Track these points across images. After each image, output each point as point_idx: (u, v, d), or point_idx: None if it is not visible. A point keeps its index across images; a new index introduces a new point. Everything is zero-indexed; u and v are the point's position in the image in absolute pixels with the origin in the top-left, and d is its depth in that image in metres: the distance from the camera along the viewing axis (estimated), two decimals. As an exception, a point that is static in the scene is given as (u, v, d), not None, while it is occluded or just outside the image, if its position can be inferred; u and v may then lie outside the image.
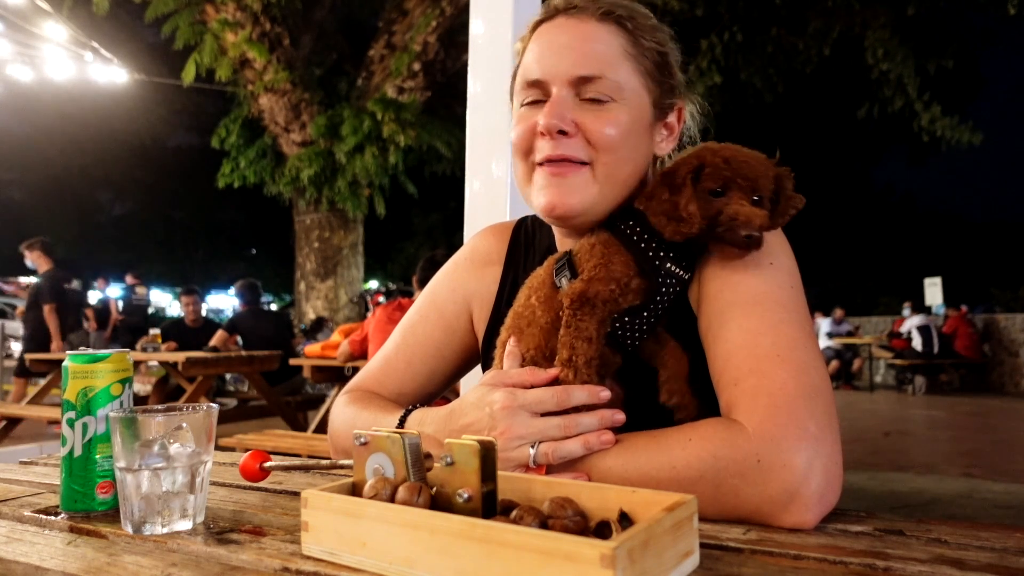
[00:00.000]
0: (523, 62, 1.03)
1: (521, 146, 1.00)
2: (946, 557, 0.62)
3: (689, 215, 0.87)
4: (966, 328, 11.62)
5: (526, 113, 1.00)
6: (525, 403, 0.84)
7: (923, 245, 30.24)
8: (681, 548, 0.57)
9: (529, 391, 0.86)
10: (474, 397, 0.89)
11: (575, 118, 0.95)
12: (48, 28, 8.25)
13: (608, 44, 0.97)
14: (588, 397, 0.84)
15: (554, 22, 1.00)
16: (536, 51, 1.00)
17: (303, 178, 11.90)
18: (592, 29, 0.98)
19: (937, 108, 11.08)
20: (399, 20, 11.89)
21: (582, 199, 0.96)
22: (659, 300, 0.92)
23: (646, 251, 0.92)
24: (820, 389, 0.80)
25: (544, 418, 0.84)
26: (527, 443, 0.83)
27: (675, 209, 0.88)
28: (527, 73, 1.00)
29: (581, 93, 0.96)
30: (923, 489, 4.61)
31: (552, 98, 0.96)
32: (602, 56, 0.96)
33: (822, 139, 23.70)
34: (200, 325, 7.20)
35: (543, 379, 0.88)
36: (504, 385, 0.88)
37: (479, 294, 1.19)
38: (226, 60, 11.54)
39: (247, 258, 32.47)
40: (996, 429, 7.91)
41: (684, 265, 0.93)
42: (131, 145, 23.26)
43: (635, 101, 0.98)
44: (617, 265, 0.91)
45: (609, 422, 0.84)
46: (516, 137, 1.01)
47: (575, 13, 0.99)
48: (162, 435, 0.74)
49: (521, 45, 1.07)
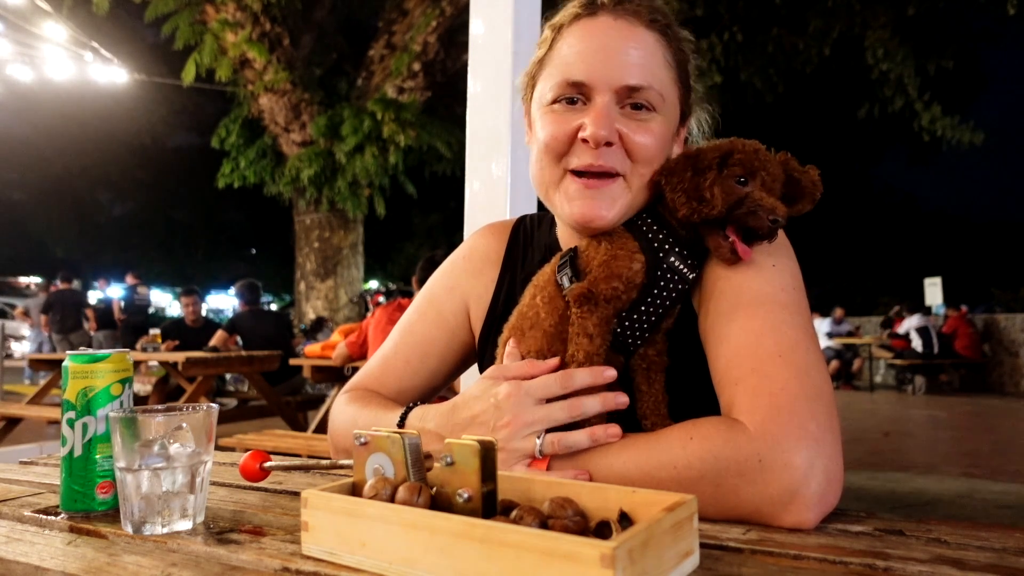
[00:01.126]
0: (558, 56, 0.98)
1: (557, 149, 0.96)
2: (946, 557, 0.62)
3: (712, 196, 0.87)
4: (966, 328, 11.61)
5: (562, 113, 0.96)
6: (530, 390, 0.85)
7: (923, 245, 30.24)
8: (681, 548, 0.57)
9: (534, 380, 0.86)
10: (478, 390, 0.89)
11: (618, 127, 0.93)
12: (48, 28, 8.26)
13: (653, 53, 0.95)
14: (591, 377, 0.85)
15: (599, 20, 0.96)
16: (579, 48, 0.96)
17: (303, 178, 11.91)
18: (640, 35, 0.95)
19: (937, 108, 11.09)
20: (399, 20, 11.90)
21: (617, 212, 0.94)
22: (658, 296, 0.91)
23: (652, 241, 0.92)
24: (821, 390, 0.80)
25: (550, 404, 0.85)
26: (535, 431, 0.84)
27: (697, 189, 0.88)
28: (569, 72, 0.95)
29: (624, 102, 0.94)
30: (923, 489, 4.61)
31: (599, 106, 0.93)
32: (649, 66, 0.94)
33: (822, 139, 23.67)
34: (200, 325, 7.19)
35: (544, 369, 0.88)
36: (506, 378, 0.88)
37: (477, 293, 1.19)
38: (226, 60, 11.55)
39: (247, 258, 32.48)
40: (996, 429, 7.91)
41: (690, 264, 0.92)
42: (131, 145, 23.27)
43: (670, 112, 0.98)
44: (622, 260, 0.90)
45: (612, 404, 0.85)
46: (551, 138, 0.96)
47: (623, 15, 0.96)
48: (162, 435, 0.74)
49: (551, 33, 1.01)
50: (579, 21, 0.98)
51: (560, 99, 0.97)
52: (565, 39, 0.98)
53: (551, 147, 0.96)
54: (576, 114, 0.95)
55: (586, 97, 0.95)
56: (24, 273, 24.90)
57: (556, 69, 0.98)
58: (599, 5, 0.97)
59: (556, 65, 0.98)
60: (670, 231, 0.93)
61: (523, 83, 1.09)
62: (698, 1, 10.56)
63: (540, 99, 1.00)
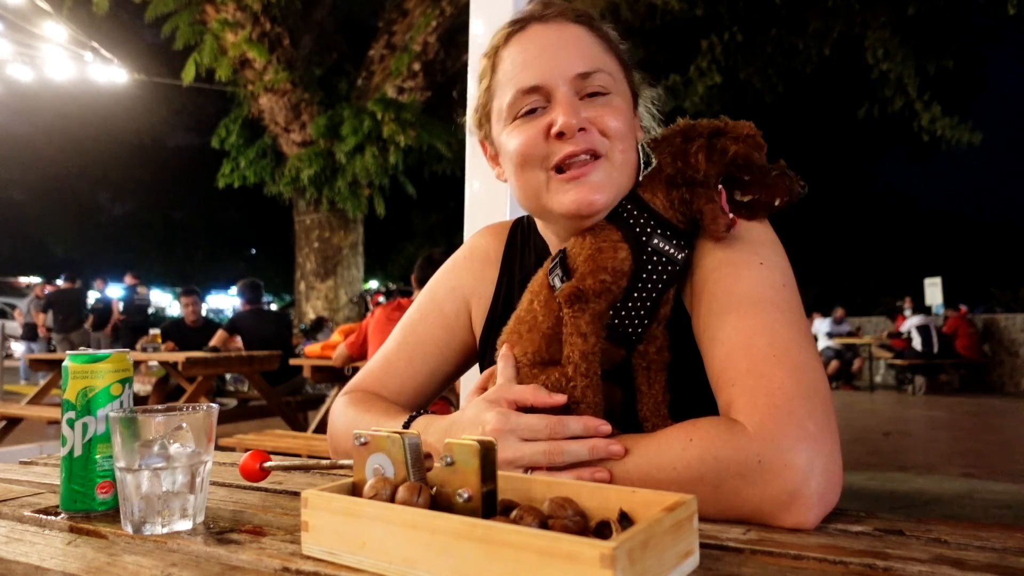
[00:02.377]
0: (503, 75, 1.00)
1: (535, 154, 0.96)
2: (946, 557, 0.62)
3: (697, 161, 0.89)
4: (966, 328, 11.61)
5: (528, 122, 0.97)
6: (516, 427, 0.82)
7: (923, 245, 30.25)
8: (681, 548, 0.57)
9: (523, 416, 0.84)
10: (471, 413, 0.88)
11: (585, 114, 0.95)
12: (48, 28, 8.26)
13: (591, 43, 0.99)
14: (583, 430, 0.82)
15: (529, 30, 1.00)
16: (522, 59, 0.98)
17: (303, 178, 11.91)
18: (573, 30, 0.99)
19: (937, 108, 11.09)
20: (399, 20, 11.90)
21: (608, 194, 0.95)
22: (648, 280, 0.91)
23: (634, 227, 0.92)
24: (818, 389, 0.80)
25: (532, 443, 0.82)
26: (514, 468, 0.81)
27: (684, 153, 0.90)
28: (520, 81, 0.97)
29: (581, 90, 0.96)
30: (923, 489, 4.61)
31: (561, 98, 0.95)
32: (591, 52, 0.98)
33: (822, 139, 23.68)
34: (200, 325, 7.19)
35: (545, 402, 0.86)
36: (504, 401, 0.86)
37: (477, 293, 1.19)
38: (226, 60, 11.55)
39: (247, 258, 32.49)
40: (996, 429, 7.91)
41: (676, 244, 0.92)
42: (131, 145, 23.28)
43: (624, 91, 1.01)
44: (607, 252, 0.90)
45: (603, 453, 0.81)
46: (524, 146, 0.96)
47: (551, 19, 0.99)
48: (162, 435, 0.74)
49: (488, 61, 1.04)
50: (512, 38, 1.01)
51: (520, 113, 0.98)
52: (504, 59, 1.01)
53: (528, 154, 0.97)
54: (542, 118, 0.96)
55: (545, 99, 0.97)
56: (24, 273, 24.90)
57: (506, 87, 0.99)
58: (525, 19, 1.01)
59: (504, 84, 1.00)
60: (651, 215, 0.93)
61: (474, 121, 1.10)
62: (698, 1, 10.56)
63: (500, 123, 1.02)
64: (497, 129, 1.03)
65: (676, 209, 0.93)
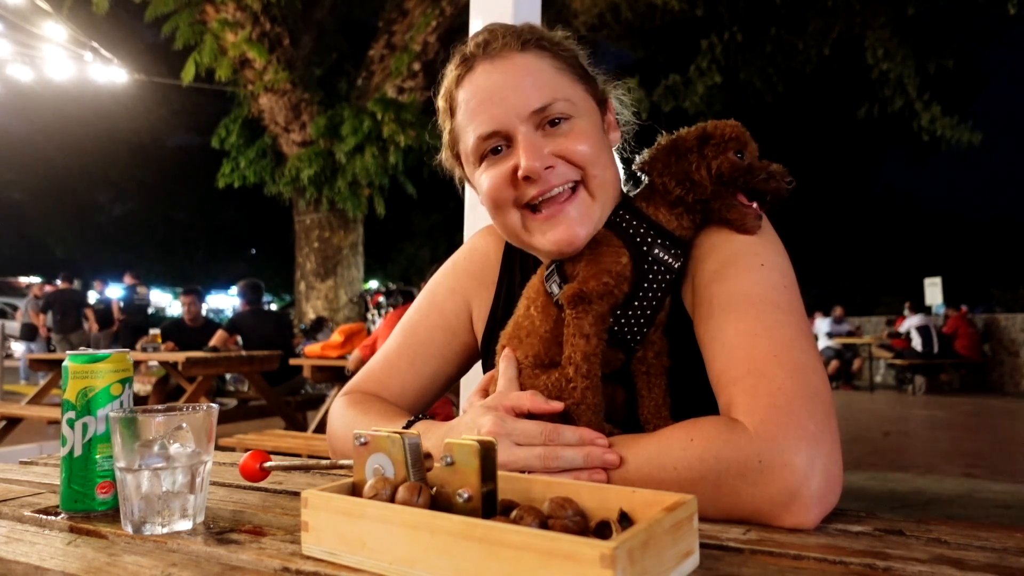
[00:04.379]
0: (462, 120, 1.00)
1: (506, 196, 0.97)
2: (946, 557, 0.62)
3: (701, 178, 0.91)
4: (966, 328, 11.61)
5: (494, 164, 0.98)
6: (511, 432, 0.83)
7: (923, 245, 30.25)
8: (681, 548, 0.57)
9: (519, 421, 0.84)
10: (468, 418, 0.89)
11: (550, 149, 0.94)
12: (48, 28, 8.25)
13: (541, 69, 0.97)
14: (579, 440, 0.82)
15: (478, 70, 0.99)
16: (474, 104, 0.98)
17: (303, 178, 11.91)
18: (520, 61, 0.97)
19: (937, 108, 11.09)
20: (399, 20, 11.89)
21: (589, 222, 0.95)
22: (648, 289, 0.92)
23: (634, 236, 0.93)
24: (818, 389, 0.80)
25: (526, 448, 0.82)
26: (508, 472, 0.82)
27: (686, 173, 0.91)
28: (478, 128, 0.97)
29: (541, 122, 0.96)
30: (923, 489, 4.61)
31: (521, 139, 0.94)
32: (543, 83, 0.96)
33: (822, 139, 23.67)
34: (200, 325, 7.19)
35: (542, 408, 0.87)
36: (501, 408, 0.87)
37: (478, 294, 1.19)
38: (226, 60, 11.54)
39: (247, 258, 32.50)
40: (996, 429, 7.91)
41: (674, 254, 0.93)
42: (131, 145, 23.29)
43: (586, 108, 0.99)
44: (608, 256, 0.91)
45: (599, 462, 0.80)
46: (493, 190, 0.97)
47: (495, 54, 0.98)
48: (162, 435, 0.74)
49: (444, 104, 1.04)
50: (462, 81, 1.00)
51: (485, 155, 0.98)
52: (460, 102, 1.01)
53: (498, 198, 0.98)
54: (507, 159, 0.96)
55: (507, 140, 0.96)
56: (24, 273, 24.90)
57: (467, 133, 1.00)
58: (471, 57, 1.00)
59: (465, 127, 1.00)
60: (651, 224, 0.93)
61: (448, 161, 1.10)
62: (698, 1, 10.56)
63: (469, 165, 1.02)
64: (469, 170, 1.04)
65: (681, 221, 0.94)
